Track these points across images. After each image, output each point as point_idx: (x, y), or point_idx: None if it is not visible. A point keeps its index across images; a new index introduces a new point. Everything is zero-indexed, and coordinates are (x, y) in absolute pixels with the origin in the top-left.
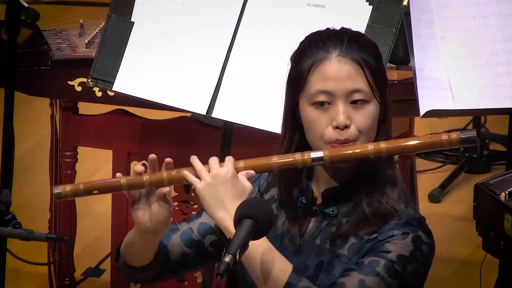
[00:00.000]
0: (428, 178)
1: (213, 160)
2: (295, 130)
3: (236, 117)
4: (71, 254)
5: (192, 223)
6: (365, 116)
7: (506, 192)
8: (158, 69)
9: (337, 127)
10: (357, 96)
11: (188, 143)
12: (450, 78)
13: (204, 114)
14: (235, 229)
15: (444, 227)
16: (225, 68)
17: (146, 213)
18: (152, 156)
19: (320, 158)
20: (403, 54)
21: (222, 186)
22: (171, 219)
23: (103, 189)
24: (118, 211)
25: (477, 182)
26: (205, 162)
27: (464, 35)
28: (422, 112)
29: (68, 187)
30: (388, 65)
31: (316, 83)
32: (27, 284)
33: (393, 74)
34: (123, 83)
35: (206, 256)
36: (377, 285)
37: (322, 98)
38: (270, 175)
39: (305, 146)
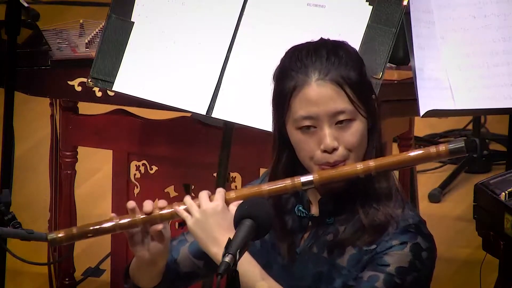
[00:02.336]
0: (428, 178)
1: (202, 195)
2: (284, 148)
3: (236, 117)
4: (71, 254)
5: None
6: (352, 134)
7: (506, 192)
8: (158, 69)
9: (325, 151)
10: (341, 117)
11: (188, 143)
12: (450, 78)
13: (204, 114)
14: (235, 229)
15: (444, 227)
16: (225, 68)
17: (144, 246)
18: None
19: (310, 182)
20: (403, 54)
21: (211, 221)
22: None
23: (97, 233)
24: (118, 211)
25: (477, 182)
26: (205, 161)
27: (464, 35)
28: (422, 112)
29: (61, 233)
30: (388, 65)
31: (299, 109)
32: (27, 284)
33: (393, 74)
34: (123, 83)
35: (215, 266)
36: None
37: (307, 123)
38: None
39: (294, 163)
